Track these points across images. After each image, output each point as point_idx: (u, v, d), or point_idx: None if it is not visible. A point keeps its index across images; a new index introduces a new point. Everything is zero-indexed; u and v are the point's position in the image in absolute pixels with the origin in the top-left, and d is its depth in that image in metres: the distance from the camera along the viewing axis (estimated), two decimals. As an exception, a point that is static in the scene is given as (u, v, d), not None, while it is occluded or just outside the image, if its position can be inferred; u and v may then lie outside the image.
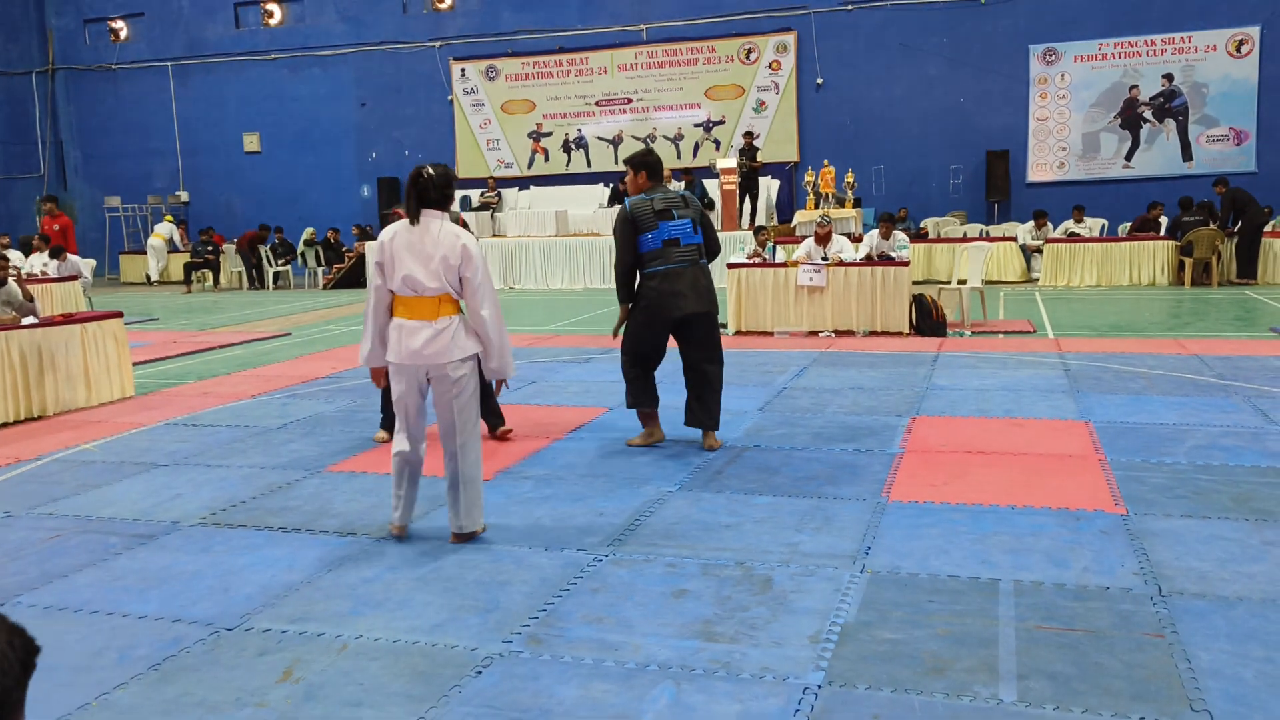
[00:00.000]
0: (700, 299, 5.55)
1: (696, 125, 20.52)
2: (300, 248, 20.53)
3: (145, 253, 21.84)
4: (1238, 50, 17.49)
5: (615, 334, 5.82)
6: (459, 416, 4.19)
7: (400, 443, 4.29)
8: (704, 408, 5.71)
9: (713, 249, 5.81)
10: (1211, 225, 14.32)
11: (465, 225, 5.75)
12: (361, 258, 18.83)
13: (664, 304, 5.49)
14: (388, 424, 6.18)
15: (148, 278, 21.51)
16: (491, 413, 6.06)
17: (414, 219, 4.12)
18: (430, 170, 4.15)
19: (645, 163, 5.70)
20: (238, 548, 4.34)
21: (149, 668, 3.23)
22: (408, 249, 4.09)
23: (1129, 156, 18.28)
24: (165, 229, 21.83)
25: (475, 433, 4.26)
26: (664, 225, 5.53)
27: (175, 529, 4.64)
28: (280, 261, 20.16)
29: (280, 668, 3.19)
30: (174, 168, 24.06)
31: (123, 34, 24.01)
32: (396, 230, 4.14)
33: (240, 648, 3.35)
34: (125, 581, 3.99)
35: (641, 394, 5.76)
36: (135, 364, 8.99)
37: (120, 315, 8.26)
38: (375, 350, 4.25)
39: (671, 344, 5.76)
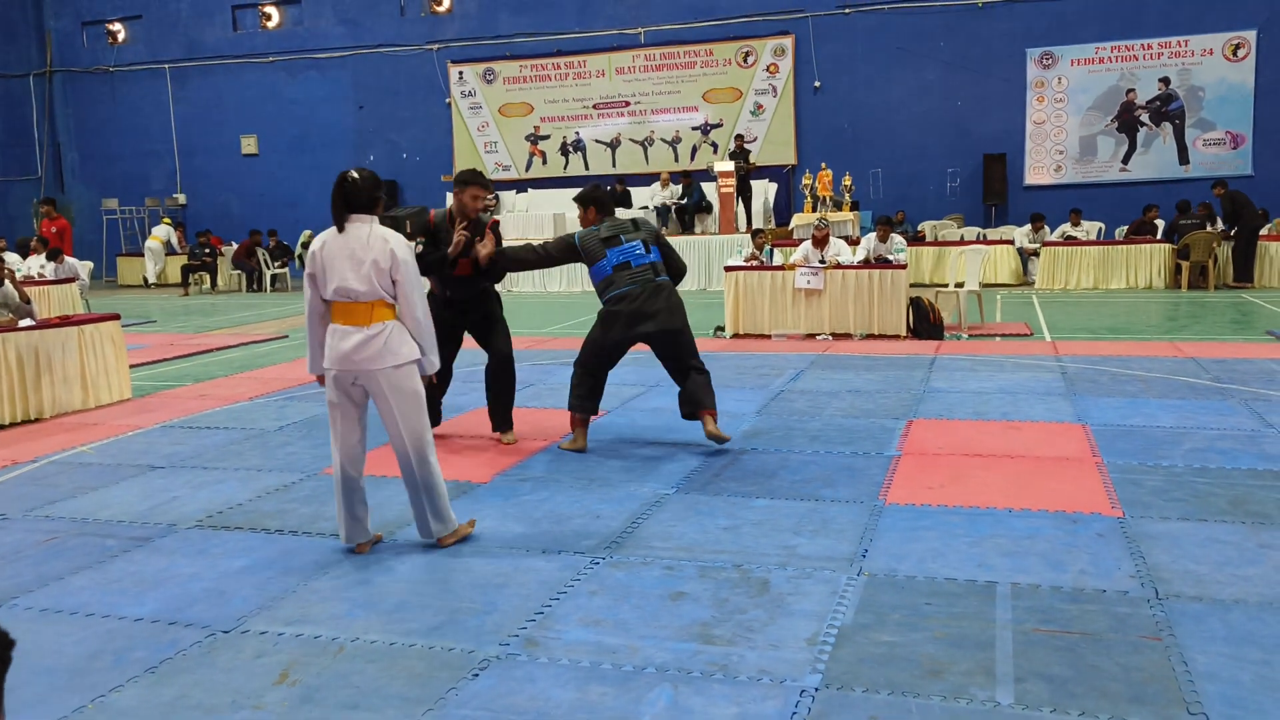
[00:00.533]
0: (658, 319, 5.62)
1: (694, 128, 20.53)
2: (298, 250, 20.52)
3: (143, 255, 21.82)
4: (1234, 54, 17.53)
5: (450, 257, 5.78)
6: (404, 424, 4.10)
7: (334, 456, 4.20)
8: (697, 395, 5.73)
9: (674, 268, 5.88)
10: (1209, 228, 14.34)
11: (400, 228, 5.73)
12: (359, 260, 18.83)
13: (618, 326, 5.64)
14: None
15: (145, 280, 21.49)
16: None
17: (340, 225, 4.05)
18: (355, 174, 4.08)
19: (593, 198, 5.87)
20: (234, 550, 4.33)
21: (145, 670, 3.22)
22: (338, 256, 4.02)
23: (1126, 160, 18.30)
24: (163, 231, 21.83)
25: (426, 438, 4.17)
26: (611, 251, 5.67)
27: (172, 531, 4.63)
28: (277, 264, 20.15)
29: (277, 670, 3.18)
30: (171, 170, 24.05)
31: (120, 36, 24.00)
32: (325, 239, 4.07)
33: (237, 650, 3.34)
34: (122, 584, 3.99)
35: (583, 399, 5.86)
36: (132, 366, 8.98)
37: (117, 318, 8.25)
38: (316, 359, 4.22)
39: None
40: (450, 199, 5.89)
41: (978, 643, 3.21)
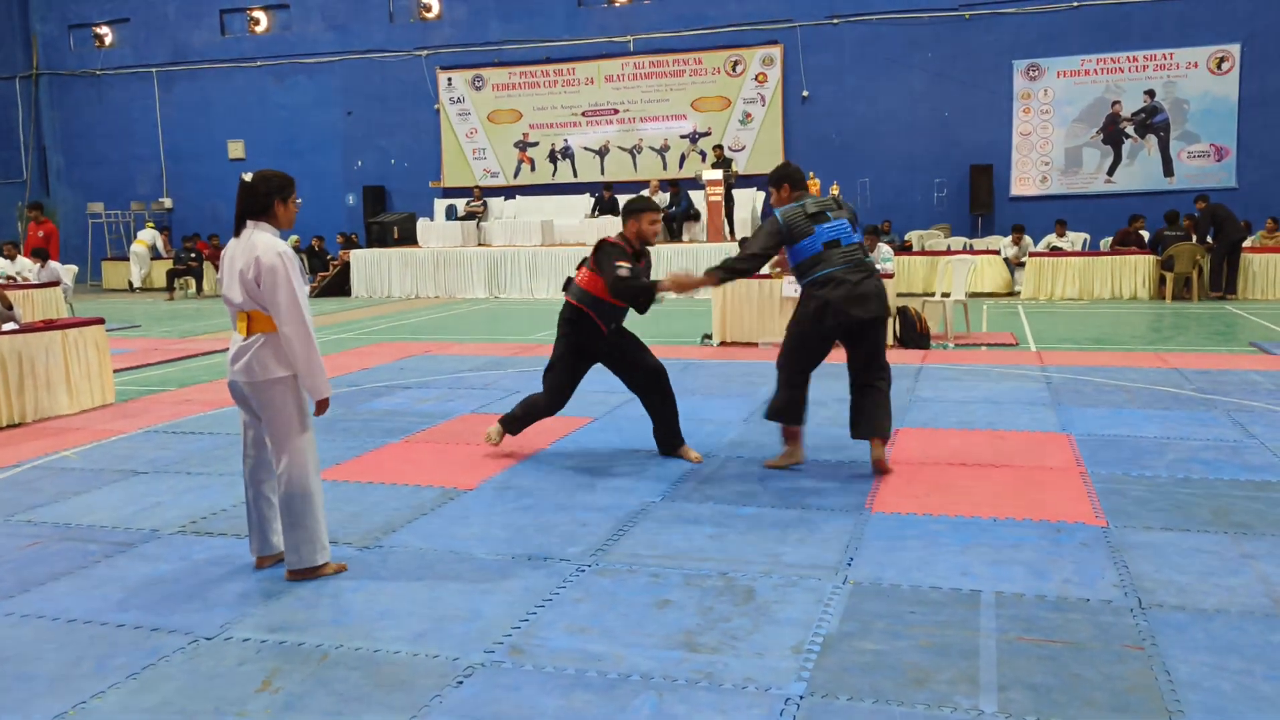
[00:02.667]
0: (871, 305, 5.21)
1: (683, 137, 20.59)
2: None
3: (128, 259, 21.74)
4: (1218, 67, 17.69)
5: (658, 290, 5.41)
6: (273, 441, 3.94)
7: (245, 469, 4.12)
8: (875, 415, 5.32)
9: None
10: (1193, 240, 14.45)
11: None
12: (346, 266, 18.81)
13: (835, 310, 5.16)
14: (509, 423, 5.94)
15: (130, 284, 21.40)
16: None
17: (236, 230, 3.96)
18: (247, 177, 3.95)
19: (786, 175, 5.42)
20: (218, 556, 4.31)
21: (127, 677, 3.20)
22: (229, 261, 3.92)
23: (1111, 171, 18.44)
24: (148, 235, 21.74)
25: (299, 459, 3.93)
26: (820, 228, 5.23)
27: (155, 537, 4.60)
28: (264, 269, 20.05)
29: (259, 677, 3.17)
30: (157, 174, 23.96)
31: (107, 40, 23.93)
32: (232, 243, 3.96)
33: (219, 657, 3.32)
34: (104, 590, 3.96)
35: (790, 408, 5.40)
36: (116, 371, 8.93)
37: (101, 322, 8.21)
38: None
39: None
40: (625, 226, 5.59)
41: (962, 651, 3.22)
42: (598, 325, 5.64)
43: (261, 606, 3.74)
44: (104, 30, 23.89)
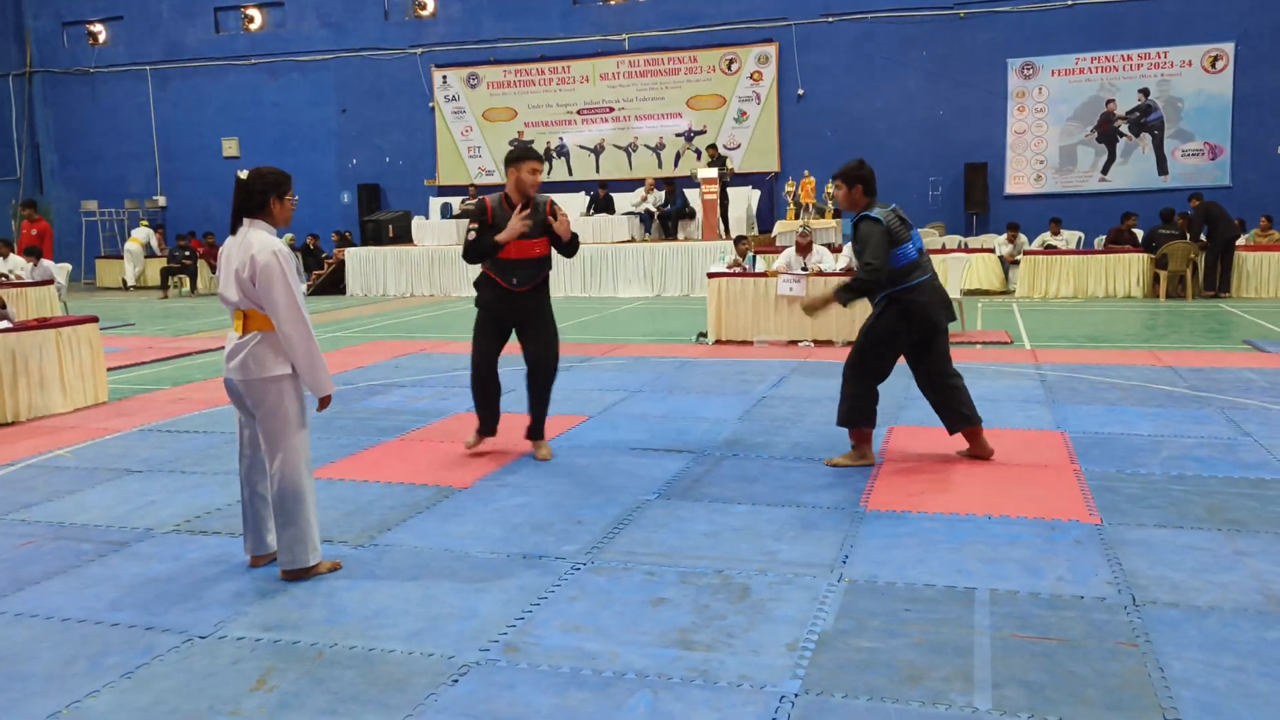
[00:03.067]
0: (949, 309, 5.47)
1: (678, 135, 20.58)
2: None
3: (122, 257, 21.69)
4: (1212, 66, 17.72)
5: (817, 308, 5.55)
6: (266, 440, 3.93)
7: (240, 468, 4.12)
8: (966, 406, 5.49)
9: None
10: (1187, 238, 14.48)
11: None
12: (341, 264, 18.78)
13: (920, 319, 5.31)
14: (481, 425, 5.99)
15: (124, 282, 21.36)
16: None
17: (232, 228, 3.95)
18: (242, 175, 3.93)
19: (861, 176, 5.42)
20: (212, 555, 4.30)
21: (121, 676, 3.19)
22: (224, 261, 3.92)
23: (1105, 170, 18.46)
24: (142, 234, 21.70)
25: (294, 459, 3.92)
26: (914, 234, 5.41)
27: (149, 536, 4.60)
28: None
29: (254, 676, 3.16)
30: (151, 172, 23.91)
31: (101, 37, 23.87)
32: (228, 241, 3.96)
33: (214, 656, 3.32)
34: (98, 589, 3.95)
35: (870, 411, 5.44)
36: (110, 369, 8.91)
37: (95, 320, 8.20)
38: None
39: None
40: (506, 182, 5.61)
41: (956, 649, 3.23)
42: (498, 282, 5.65)
43: (256, 605, 3.74)
44: (98, 28, 23.83)
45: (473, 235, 5.56)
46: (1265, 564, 3.90)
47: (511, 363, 6.45)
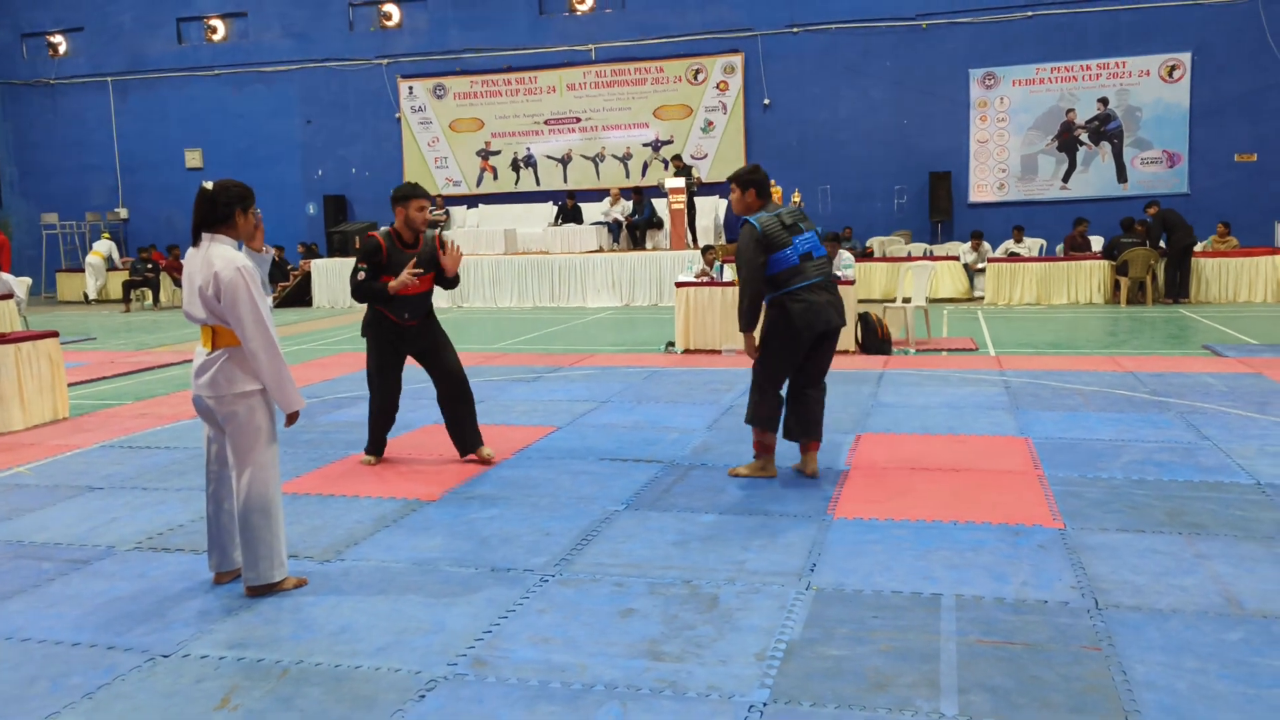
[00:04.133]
0: (840, 315, 5.34)
1: (645, 145, 20.63)
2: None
3: (83, 271, 21.40)
4: (1170, 75, 18.02)
5: (755, 356, 5.45)
6: (235, 455, 3.89)
7: (208, 484, 4.07)
8: (817, 418, 5.45)
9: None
10: (1147, 245, 14.70)
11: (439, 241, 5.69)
12: (307, 276, 18.64)
13: (810, 319, 5.20)
14: (371, 447, 6.06)
15: (85, 296, 21.07)
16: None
17: (194, 240, 3.89)
18: (207, 186, 3.87)
19: (754, 180, 5.37)
20: (175, 573, 4.25)
21: (83, 696, 3.15)
22: (189, 275, 3.86)
23: (1066, 178, 18.71)
24: (104, 246, 21.42)
25: (262, 475, 3.89)
26: (796, 240, 5.25)
27: (111, 554, 4.53)
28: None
29: (219, 694, 3.13)
30: (113, 184, 23.63)
31: (61, 49, 23.58)
32: (190, 254, 3.90)
33: (177, 674, 3.28)
34: (59, 608, 3.89)
35: (772, 417, 5.41)
36: (71, 385, 8.79)
37: (56, 335, 8.08)
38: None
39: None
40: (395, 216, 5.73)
41: (923, 655, 3.25)
42: (388, 317, 5.79)
43: (220, 623, 3.70)
44: (58, 39, 23.54)
45: (362, 276, 5.64)
46: (1225, 566, 3.96)
47: (475, 371, 6.41)
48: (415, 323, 5.84)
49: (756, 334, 5.36)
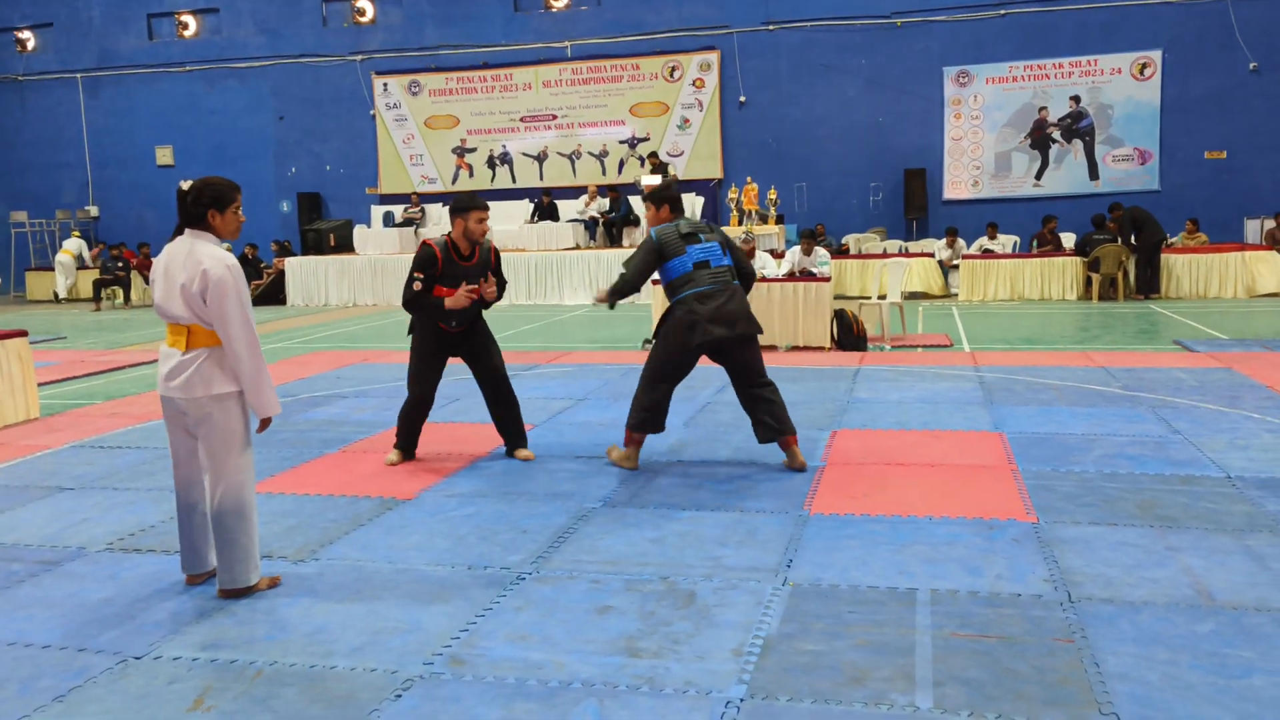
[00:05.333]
0: (740, 325, 5.42)
1: (621, 142, 20.62)
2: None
3: (53, 269, 21.14)
4: (1141, 73, 18.20)
5: (603, 298, 5.68)
6: (211, 459, 3.82)
7: (176, 485, 4.00)
8: (774, 418, 5.50)
9: (745, 275, 5.66)
10: (1118, 242, 14.85)
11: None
12: (281, 274, 18.51)
13: (698, 331, 5.35)
14: (401, 443, 5.99)
15: (55, 295, 20.82)
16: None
17: (174, 237, 3.85)
18: (184, 185, 3.81)
19: (667, 196, 5.65)
20: (147, 574, 4.21)
21: (53, 699, 3.11)
22: (165, 271, 3.78)
23: (1039, 175, 18.86)
24: (74, 245, 21.17)
25: (238, 478, 3.84)
26: (691, 249, 5.46)
27: (81, 554, 4.48)
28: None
29: (191, 696, 3.10)
30: (83, 182, 23.36)
31: (30, 44, 23.28)
32: (167, 250, 3.84)
33: (150, 676, 3.25)
34: (28, 610, 3.85)
35: (658, 418, 5.60)
36: (40, 384, 8.69)
37: (25, 334, 7.98)
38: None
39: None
40: (452, 225, 5.61)
41: (898, 649, 3.27)
42: (439, 327, 5.75)
43: (193, 624, 3.66)
44: (26, 34, 23.23)
45: (418, 286, 5.55)
46: (1196, 559, 4.00)
47: (450, 369, 6.39)
48: (463, 328, 5.81)
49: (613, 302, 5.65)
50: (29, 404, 7.78)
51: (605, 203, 18.24)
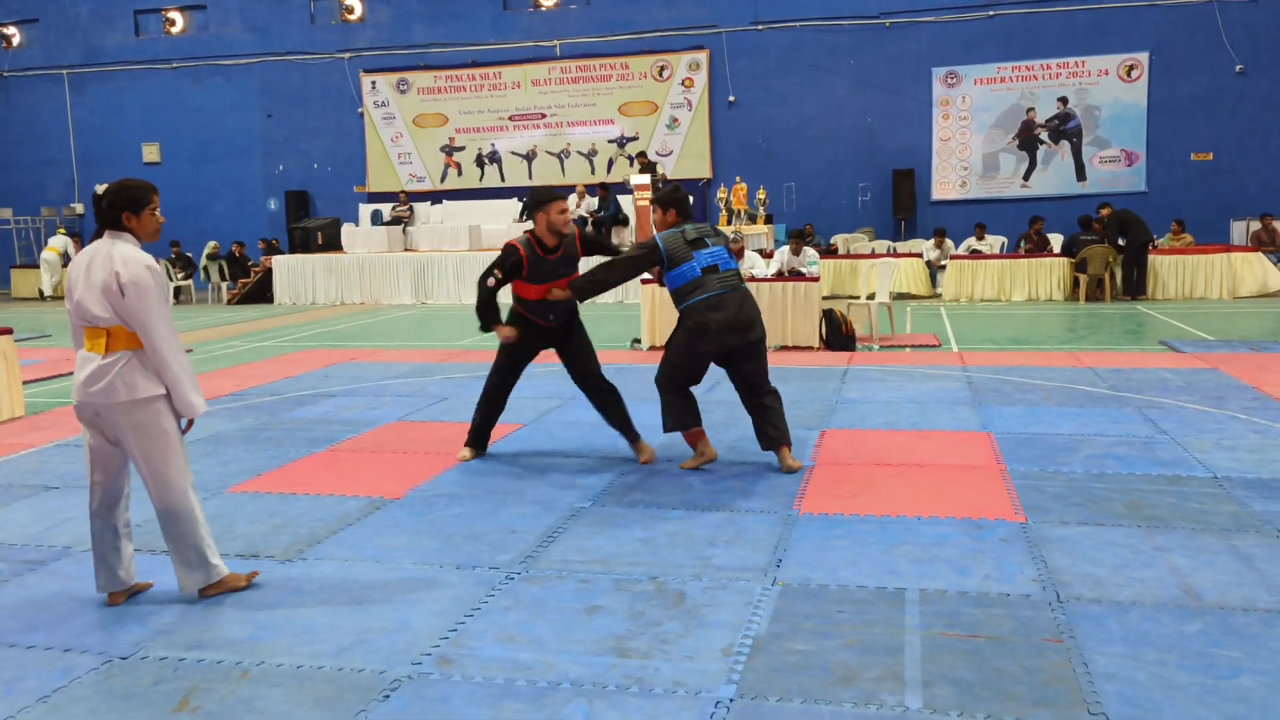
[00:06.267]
0: (753, 330, 5.42)
1: (610, 141, 20.60)
2: (203, 262, 19.98)
3: (38, 267, 20.99)
4: (1128, 75, 18.28)
5: (555, 293, 5.58)
6: (146, 466, 3.72)
7: (91, 500, 3.83)
8: (776, 428, 5.50)
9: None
10: (1105, 243, 14.91)
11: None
12: (269, 272, 18.43)
13: (710, 336, 5.33)
14: (473, 440, 5.99)
15: (41, 293, 20.68)
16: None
17: (96, 237, 3.75)
18: (99, 190, 3.71)
19: (674, 200, 5.58)
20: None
21: (37, 700, 3.08)
22: (84, 272, 3.66)
23: (1026, 176, 18.93)
24: (59, 242, 21.02)
25: (177, 483, 3.76)
26: (699, 254, 5.40)
27: (66, 554, 4.45)
28: (181, 275, 19.58)
29: (176, 697, 3.08)
30: (69, 179, 23.22)
31: (15, 40, 23.12)
32: (87, 251, 3.72)
33: (135, 677, 3.22)
34: (12, 610, 3.81)
35: (684, 415, 5.55)
36: (25, 383, 8.63)
37: (9, 332, 7.92)
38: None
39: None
40: (535, 220, 5.60)
41: (887, 649, 3.27)
42: (535, 322, 5.75)
43: (179, 624, 3.64)
44: (11, 30, 23.07)
45: (493, 282, 5.54)
46: (1183, 559, 4.02)
47: (440, 368, 6.35)
48: (561, 322, 5.78)
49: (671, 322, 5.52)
50: (13, 402, 7.73)
51: (594, 202, 18.22)
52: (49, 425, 7.35)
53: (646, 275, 11.42)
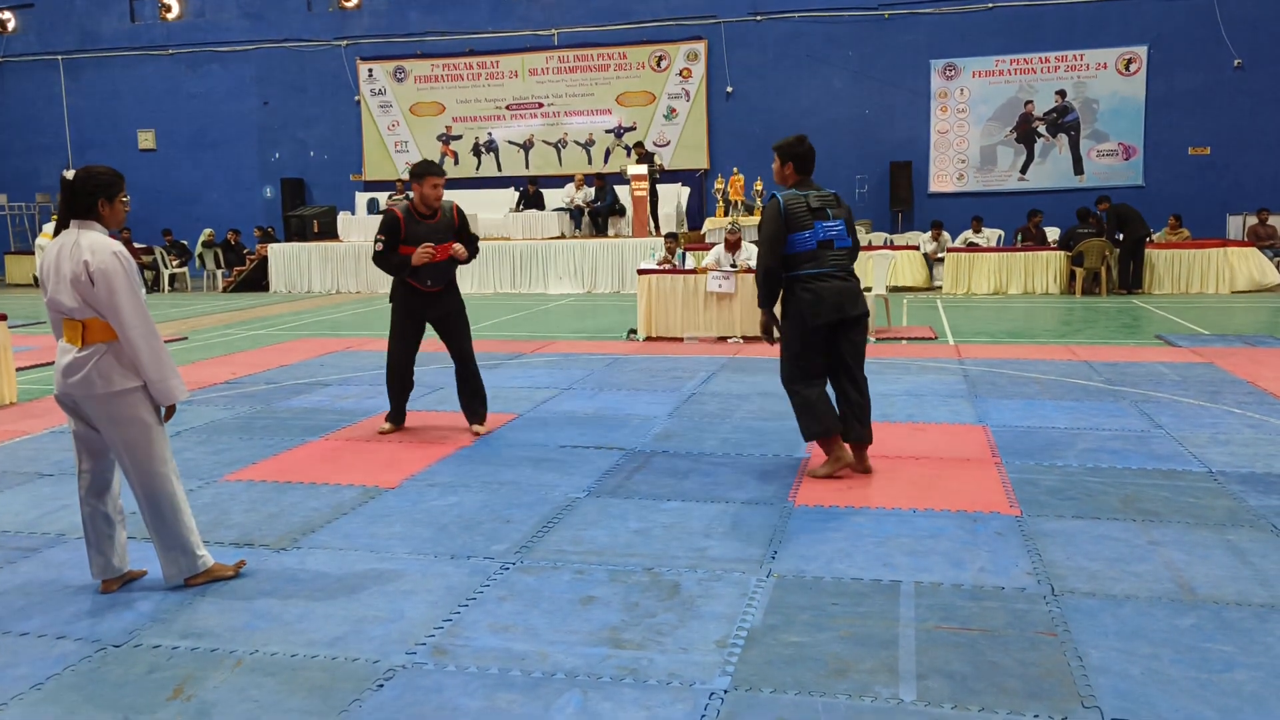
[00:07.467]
0: (859, 304, 5.08)
1: (608, 131, 20.56)
2: (198, 249, 19.93)
3: (32, 253, 20.92)
4: (1126, 69, 18.26)
5: (771, 341, 5.33)
6: (126, 457, 3.70)
7: (80, 486, 3.82)
8: (861, 422, 5.19)
9: (855, 250, 5.24)
10: (1102, 237, 14.92)
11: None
12: (264, 260, 18.39)
13: (826, 307, 4.97)
14: (391, 415, 6.48)
15: (35, 279, 20.62)
16: None
17: (57, 229, 3.72)
18: (68, 175, 3.66)
19: (796, 153, 5.15)
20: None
21: (30, 687, 3.08)
22: (54, 265, 3.62)
23: (1024, 169, 18.92)
24: (53, 228, 20.97)
25: (160, 469, 3.74)
26: (819, 225, 5.02)
27: (60, 541, 4.44)
28: (176, 263, 19.53)
29: (170, 685, 3.07)
30: (64, 164, 23.10)
31: (10, 25, 23.01)
32: (55, 243, 3.67)
33: (129, 665, 3.21)
34: (6, 598, 3.80)
35: (824, 418, 5.11)
36: (20, 369, 8.60)
37: (4, 318, 7.89)
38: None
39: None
40: (411, 193, 6.12)
41: (882, 641, 3.27)
42: (412, 284, 6.15)
43: (173, 612, 3.63)
44: (6, 15, 22.95)
45: (380, 246, 6.07)
46: (1177, 553, 4.02)
47: (435, 357, 6.35)
48: (439, 289, 6.19)
49: (777, 311, 5.19)
50: (7, 388, 7.71)
51: (591, 192, 18.20)
52: (43, 412, 7.33)
53: (644, 265, 11.44)
